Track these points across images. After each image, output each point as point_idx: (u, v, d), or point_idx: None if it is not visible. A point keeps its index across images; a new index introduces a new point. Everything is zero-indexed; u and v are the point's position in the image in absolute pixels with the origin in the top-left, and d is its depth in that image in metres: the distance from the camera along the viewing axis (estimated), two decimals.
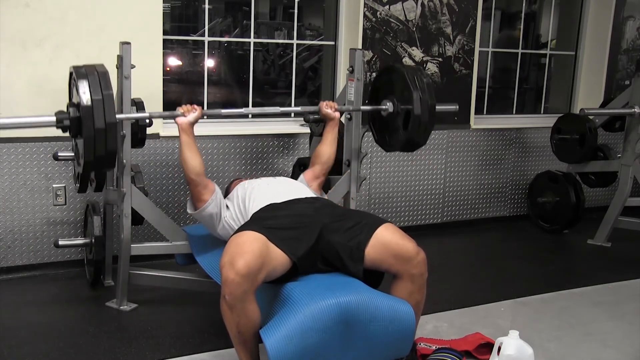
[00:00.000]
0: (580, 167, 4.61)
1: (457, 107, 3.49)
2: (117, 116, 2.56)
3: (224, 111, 2.94)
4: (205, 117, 2.92)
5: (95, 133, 2.41)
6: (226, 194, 3.11)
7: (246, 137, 3.95)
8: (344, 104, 3.28)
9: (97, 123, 2.41)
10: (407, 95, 3.02)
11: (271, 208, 2.56)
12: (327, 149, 3.09)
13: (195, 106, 2.81)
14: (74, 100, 2.53)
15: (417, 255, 2.34)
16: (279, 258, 2.27)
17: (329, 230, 2.41)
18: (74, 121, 2.45)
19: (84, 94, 2.40)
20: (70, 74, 2.67)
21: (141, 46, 3.24)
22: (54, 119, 2.48)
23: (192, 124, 2.80)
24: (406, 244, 2.35)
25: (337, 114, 3.12)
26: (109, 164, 2.61)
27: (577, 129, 4.43)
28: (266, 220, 2.41)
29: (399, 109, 3.08)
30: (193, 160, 2.74)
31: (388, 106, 3.12)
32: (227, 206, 2.81)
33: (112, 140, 2.47)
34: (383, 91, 3.22)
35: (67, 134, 2.59)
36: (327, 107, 3.09)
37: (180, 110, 2.79)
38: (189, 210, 2.86)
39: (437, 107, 3.07)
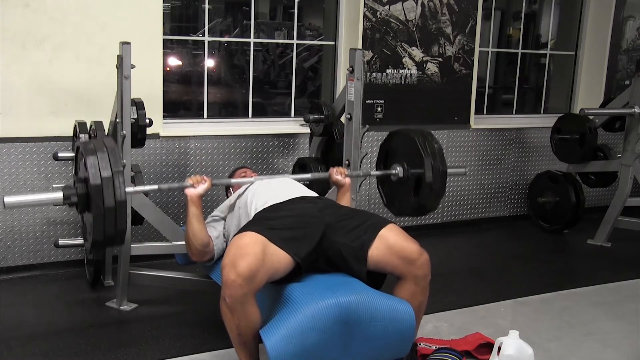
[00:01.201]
0: (580, 167, 4.61)
1: (466, 170, 3.43)
2: (127, 190, 2.46)
3: (234, 181, 2.93)
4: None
5: (105, 212, 2.30)
6: (227, 188, 3.12)
7: (246, 137, 3.95)
8: (344, 105, 3.28)
9: (107, 202, 2.29)
10: (418, 160, 2.94)
11: (273, 208, 2.54)
12: None
13: (205, 177, 2.70)
14: (81, 175, 2.41)
15: (421, 257, 2.34)
16: (281, 259, 2.26)
17: (332, 230, 2.40)
18: (82, 198, 2.35)
19: (93, 172, 2.28)
20: (77, 148, 2.56)
21: (141, 46, 3.24)
22: (61, 195, 2.37)
23: (202, 196, 2.69)
24: (410, 245, 2.34)
25: (348, 180, 2.99)
26: (119, 242, 2.49)
27: (577, 129, 4.43)
28: (268, 221, 2.41)
29: (409, 174, 2.99)
30: (202, 232, 2.65)
31: (398, 171, 3.03)
32: (224, 220, 2.81)
33: (122, 218, 2.36)
34: (392, 155, 3.14)
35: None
36: (337, 174, 2.97)
37: (189, 181, 2.68)
38: (201, 262, 2.83)
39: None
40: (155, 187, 2.81)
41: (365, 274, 2.36)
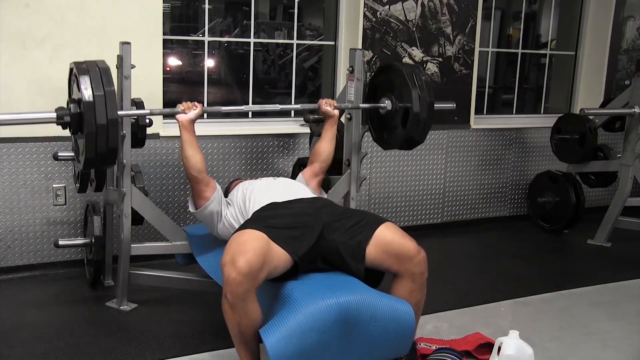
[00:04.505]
0: (580, 167, 4.61)
1: (455, 105, 3.47)
2: (119, 112, 2.55)
3: (224, 108, 2.94)
4: (205, 115, 2.92)
5: (97, 129, 2.38)
6: (226, 194, 3.11)
7: (246, 137, 3.95)
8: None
9: (98, 119, 2.37)
10: (406, 93, 3.02)
11: (272, 207, 2.56)
12: (326, 146, 3.09)
13: (196, 103, 2.80)
14: (75, 96, 2.50)
15: (418, 254, 2.34)
16: (280, 257, 2.27)
17: (329, 229, 2.41)
18: (75, 117, 2.41)
19: (86, 90, 2.35)
20: (71, 69, 2.65)
21: (141, 46, 3.24)
22: (54, 115, 2.45)
23: (193, 121, 2.79)
24: (407, 243, 2.35)
25: (336, 112, 3.11)
26: (110, 161, 2.59)
27: (577, 129, 4.43)
28: (267, 219, 2.41)
29: (398, 106, 3.08)
30: (194, 157, 2.74)
31: (386, 104, 3.12)
32: (227, 204, 2.82)
33: (113, 137, 2.45)
34: (381, 89, 3.21)
35: (67, 133, 2.59)
36: (327, 105, 3.10)
37: (180, 107, 2.78)
38: (190, 209, 2.86)
39: (435, 104, 3.07)
40: (147, 111, 2.91)
41: (363, 272, 2.37)
